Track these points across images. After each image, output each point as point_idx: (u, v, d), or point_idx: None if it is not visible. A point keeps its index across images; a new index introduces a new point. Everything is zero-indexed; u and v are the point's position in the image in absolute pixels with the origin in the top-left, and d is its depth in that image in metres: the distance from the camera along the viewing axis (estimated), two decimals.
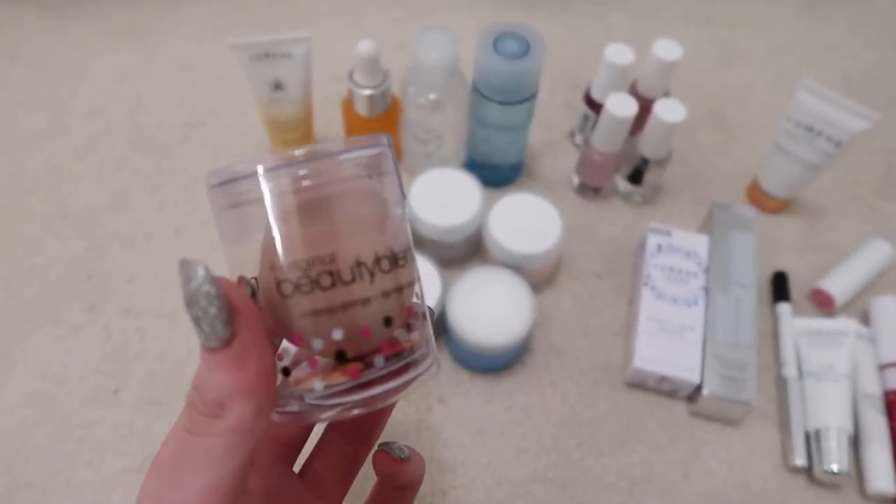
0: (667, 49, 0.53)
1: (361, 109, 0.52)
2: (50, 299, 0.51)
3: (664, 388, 0.48)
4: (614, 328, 0.51)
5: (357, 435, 0.27)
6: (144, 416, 0.46)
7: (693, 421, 0.47)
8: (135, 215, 0.56)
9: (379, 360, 0.20)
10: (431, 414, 0.46)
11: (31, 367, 0.48)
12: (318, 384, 0.20)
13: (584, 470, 0.45)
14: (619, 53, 0.54)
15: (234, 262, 0.21)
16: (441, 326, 0.48)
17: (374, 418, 0.27)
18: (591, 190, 0.57)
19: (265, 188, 0.19)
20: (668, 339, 0.47)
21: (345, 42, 0.59)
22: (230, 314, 0.18)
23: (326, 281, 0.19)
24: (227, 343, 0.18)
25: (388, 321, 0.20)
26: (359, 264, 0.20)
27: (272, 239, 0.20)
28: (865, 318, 0.51)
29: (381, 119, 0.53)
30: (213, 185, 0.20)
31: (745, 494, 0.44)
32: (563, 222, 0.49)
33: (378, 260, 0.20)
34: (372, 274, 0.20)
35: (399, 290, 0.21)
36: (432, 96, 0.50)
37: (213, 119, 0.63)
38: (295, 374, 0.21)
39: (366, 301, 0.20)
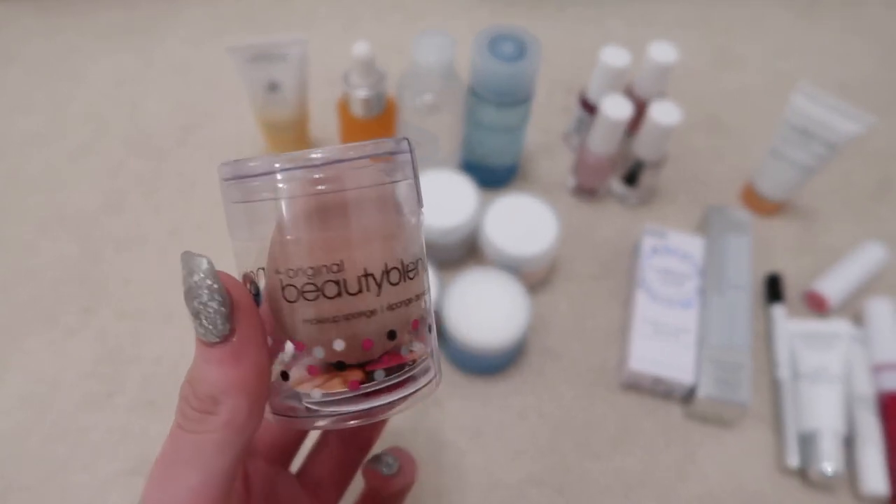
0: (662, 52, 0.53)
1: (357, 111, 0.52)
2: (45, 302, 0.51)
3: (659, 390, 0.48)
4: (609, 330, 0.51)
5: (354, 440, 0.27)
6: (139, 420, 0.46)
7: (688, 423, 0.47)
8: (130, 218, 0.56)
9: (379, 373, 0.20)
10: (427, 416, 0.46)
11: (26, 370, 0.47)
12: (315, 392, 0.20)
13: (579, 472, 0.45)
14: (614, 56, 0.54)
15: (241, 257, 0.21)
16: (436, 329, 0.48)
17: (372, 424, 0.27)
18: (586, 192, 0.58)
19: (279, 189, 0.19)
20: (663, 341, 0.47)
21: (341, 44, 0.59)
22: (231, 310, 0.18)
23: (332, 290, 0.19)
24: (225, 339, 0.18)
25: (392, 335, 0.20)
26: (367, 275, 0.19)
27: (281, 241, 0.19)
28: (859, 320, 0.51)
29: (376, 121, 0.53)
30: (225, 179, 0.20)
31: (739, 496, 0.44)
32: (559, 224, 0.50)
33: (387, 272, 0.19)
34: (379, 286, 0.19)
35: (406, 302, 0.20)
36: (428, 98, 0.50)
37: (210, 121, 0.63)
38: (294, 376, 0.21)
39: (371, 313, 0.19)
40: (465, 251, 0.53)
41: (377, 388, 0.20)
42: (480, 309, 0.45)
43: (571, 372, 0.49)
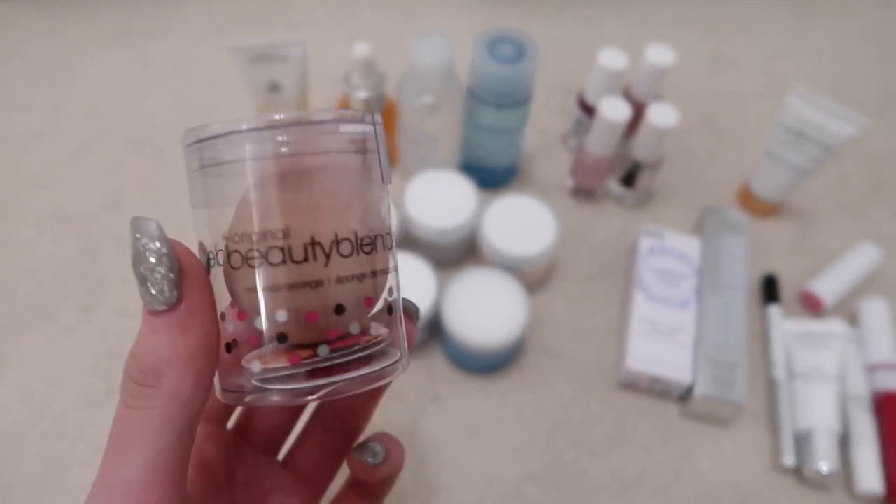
0: (659, 54, 0.54)
1: None
2: (44, 300, 0.51)
3: (656, 390, 0.48)
4: (607, 330, 0.51)
5: (341, 426, 0.26)
6: None
7: (684, 422, 0.48)
8: (129, 216, 0.55)
9: (323, 349, 0.19)
10: (425, 413, 0.47)
11: (25, 367, 0.48)
12: (255, 365, 0.19)
13: (576, 470, 0.45)
14: (612, 58, 0.54)
15: (200, 228, 0.20)
16: (436, 327, 0.48)
17: (360, 409, 0.26)
18: (584, 193, 0.58)
19: (233, 151, 0.18)
20: (660, 341, 0.47)
21: (340, 45, 0.59)
22: (179, 276, 0.17)
23: (276, 257, 0.18)
24: (172, 307, 0.17)
25: (339, 308, 0.19)
26: (314, 244, 0.18)
27: (234, 206, 0.19)
28: (853, 321, 0.52)
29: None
30: (186, 144, 0.19)
31: (735, 495, 0.45)
32: (557, 225, 0.50)
33: (338, 242, 0.18)
34: (328, 256, 0.18)
35: (359, 277, 0.19)
36: (428, 99, 0.50)
37: (209, 121, 0.63)
38: (240, 349, 0.19)
39: (316, 284, 0.18)
40: (465, 251, 0.53)
41: (321, 365, 0.19)
42: (479, 308, 0.45)
43: (569, 371, 0.49)
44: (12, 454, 0.44)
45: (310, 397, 0.19)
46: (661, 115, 0.51)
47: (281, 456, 0.27)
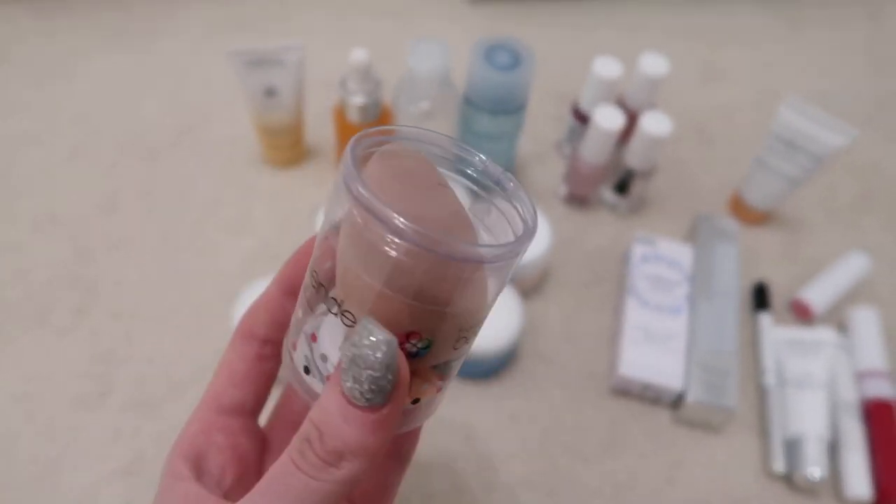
0: (652, 63, 0.54)
1: (353, 117, 0.53)
2: (37, 302, 0.51)
3: (648, 396, 0.48)
4: (600, 336, 0.52)
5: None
6: (131, 420, 0.45)
7: (676, 428, 0.48)
8: (123, 219, 0.56)
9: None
10: None
11: (17, 369, 0.47)
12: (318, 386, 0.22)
13: (569, 476, 0.45)
14: (606, 67, 0.55)
15: (321, 240, 0.21)
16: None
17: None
18: (578, 200, 0.58)
19: (383, 239, 0.18)
20: (653, 347, 0.48)
21: (337, 50, 0.60)
22: (394, 388, 0.18)
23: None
24: (374, 409, 0.18)
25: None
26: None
27: (359, 269, 0.19)
28: (843, 328, 0.53)
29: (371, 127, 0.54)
30: (350, 195, 0.18)
31: (726, 500, 0.45)
32: (551, 231, 0.50)
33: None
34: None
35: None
36: (424, 105, 0.50)
37: (204, 124, 0.63)
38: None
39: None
40: None
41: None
42: None
43: (562, 377, 0.49)
44: (3, 457, 0.43)
45: None
46: (654, 123, 0.51)
47: None
